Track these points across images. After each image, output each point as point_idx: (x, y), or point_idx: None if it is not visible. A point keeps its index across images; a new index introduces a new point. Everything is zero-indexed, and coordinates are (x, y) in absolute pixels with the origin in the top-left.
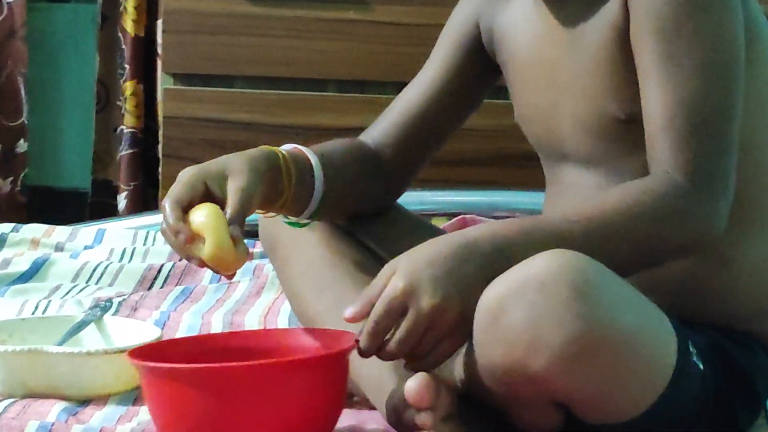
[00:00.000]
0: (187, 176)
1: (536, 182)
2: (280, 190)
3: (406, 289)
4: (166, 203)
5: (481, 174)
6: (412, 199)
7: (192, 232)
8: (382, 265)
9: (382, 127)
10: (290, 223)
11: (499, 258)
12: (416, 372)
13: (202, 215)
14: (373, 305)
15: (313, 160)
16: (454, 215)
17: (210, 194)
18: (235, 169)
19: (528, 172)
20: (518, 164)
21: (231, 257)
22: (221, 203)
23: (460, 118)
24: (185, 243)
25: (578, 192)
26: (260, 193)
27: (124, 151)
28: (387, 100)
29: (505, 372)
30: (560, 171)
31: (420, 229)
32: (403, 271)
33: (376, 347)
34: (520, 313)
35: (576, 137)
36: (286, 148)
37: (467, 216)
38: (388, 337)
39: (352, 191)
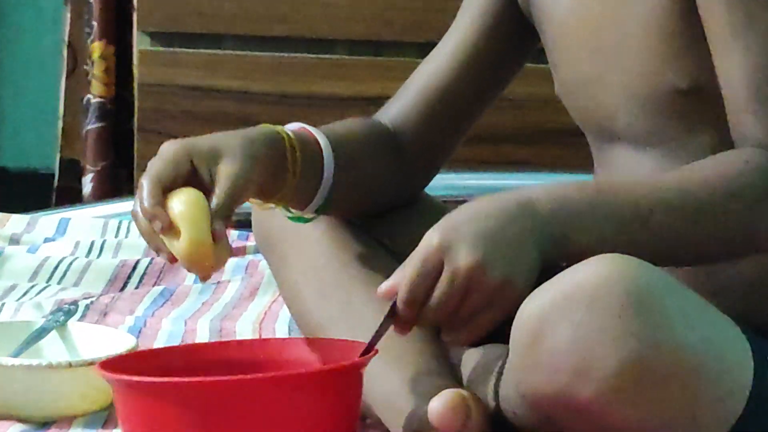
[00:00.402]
0: (171, 151)
1: (583, 163)
2: (282, 179)
3: (441, 244)
4: (146, 181)
5: (517, 153)
6: (434, 183)
7: (169, 220)
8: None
9: (401, 105)
10: (292, 218)
11: (556, 228)
12: (454, 345)
13: (181, 202)
14: None
15: (323, 142)
16: None
17: (195, 176)
18: (230, 150)
19: (573, 151)
20: (561, 141)
21: (207, 258)
22: (206, 189)
23: (493, 93)
24: (160, 232)
25: (632, 176)
26: (255, 182)
27: (90, 125)
28: (406, 65)
29: (548, 401)
30: (610, 152)
31: None
32: (440, 226)
33: (414, 316)
34: (566, 332)
35: (628, 112)
36: (292, 128)
37: None
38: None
39: (367, 182)
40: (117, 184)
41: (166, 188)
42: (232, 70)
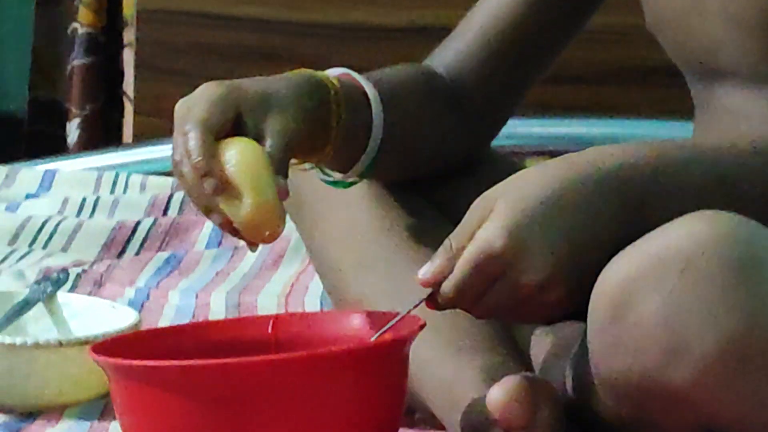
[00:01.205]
0: (216, 95)
1: (679, 107)
2: (325, 136)
3: (506, 250)
4: (195, 127)
5: (597, 95)
6: None
7: (225, 178)
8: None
9: (459, 48)
10: (331, 182)
11: (641, 199)
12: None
13: (239, 156)
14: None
15: (371, 92)
16: (556, 154)
17: (238, 127)
18: (280, 101)
19: (666, 93)
20: (652, 82)
21: (275, 221)
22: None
23: (571, 29)
24: (213, 193)
25: (741, 122)
26: (303, 139)
27: (77, 60)
28: None
29: (633, 387)
30: (714, 93)
31: None
32: (505, 220)
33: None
34: (655, 304)
35: (735, 44)
36: (333, 73)
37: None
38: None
39: (421, 141)
40: (109, 130)
41: (216, 138)
42: None
